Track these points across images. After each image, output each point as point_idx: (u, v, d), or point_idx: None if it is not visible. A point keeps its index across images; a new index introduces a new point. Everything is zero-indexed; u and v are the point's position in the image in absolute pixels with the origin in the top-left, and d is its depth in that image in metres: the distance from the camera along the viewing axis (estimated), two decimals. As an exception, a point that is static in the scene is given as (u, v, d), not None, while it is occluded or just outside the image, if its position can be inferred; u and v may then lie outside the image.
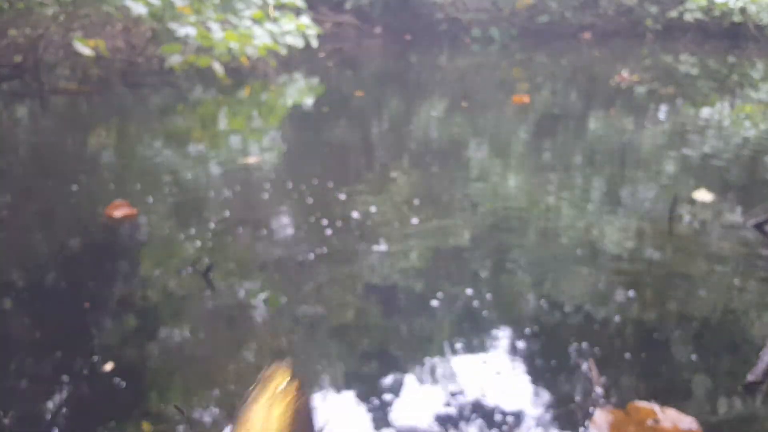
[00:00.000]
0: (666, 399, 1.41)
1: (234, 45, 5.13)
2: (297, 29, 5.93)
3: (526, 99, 4.96)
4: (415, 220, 2.45)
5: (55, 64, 5.64)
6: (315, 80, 6.23)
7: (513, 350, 1.64)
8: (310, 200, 2.67)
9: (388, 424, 1.37)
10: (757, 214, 2.44)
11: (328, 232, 2.33)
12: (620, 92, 5.44)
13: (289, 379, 0.23)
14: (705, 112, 4.75)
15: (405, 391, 1.47)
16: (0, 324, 1.79)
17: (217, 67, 5.06)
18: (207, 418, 1.38)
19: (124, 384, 1.50)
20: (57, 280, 2.09)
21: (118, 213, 2.46)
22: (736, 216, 2.56)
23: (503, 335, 1.71)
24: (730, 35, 9.15)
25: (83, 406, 1.44)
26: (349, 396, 1.46)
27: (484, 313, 1.82)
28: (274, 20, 5.89)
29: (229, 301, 1.88)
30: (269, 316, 1.82)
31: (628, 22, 9.58)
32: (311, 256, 2.14)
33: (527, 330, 1.73)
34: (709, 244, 2.32)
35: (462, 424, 1.37)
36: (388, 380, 1.51)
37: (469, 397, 1.45)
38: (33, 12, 5.41)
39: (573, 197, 2.82)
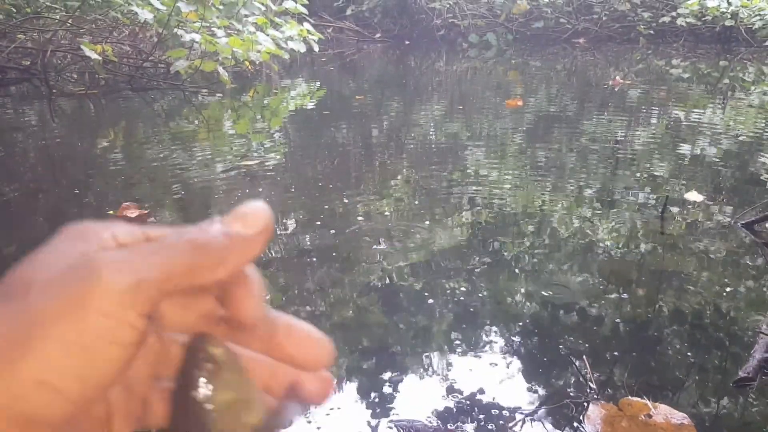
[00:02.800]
0: (658, 395, 1.45)
1: (238, 50, 5.26)
2: (299, 35, 6.06)
3: (519, 102, 5.09)
4: (414, 219, 2.54)
5: (63, 68, 5.74)
6: (316, 84, 6.35)
7: (508, 346, 1.69)
8: (311, 200, 2.78)
9: (385, 417, 1.41)
10: (747, 214, 2.52)
11: (330, 231, 2.41)
12: (613, 95, 5.56)
13: None
14: (696, 114, 4.86)
15: (402, 385, 1.52)
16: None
17: (222, 72, 5.18)
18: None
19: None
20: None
21: (129, 215, 2.55)
22: (726, 216, 2.62)
23: (498, 331, 1.76)
24: (722, 39, 9.28)
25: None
26: (348, 389, 1.52)
27: (480, 309, 1.88)
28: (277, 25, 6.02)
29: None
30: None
31: (621, 28, 9.72)
32: (313, 255, 2.22)
33: (522, 326, 1.79)
34: (700, 243, 2.37)
35: (458, 418, 1.41)
36: (386, 375, 1.56)
37: (465, 391, 1.49)
38: (41, 16, 5.52)
39: (565, 197, 2.90)
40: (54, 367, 0.23)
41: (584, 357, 1.59)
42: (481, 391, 1.48)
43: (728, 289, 2.02)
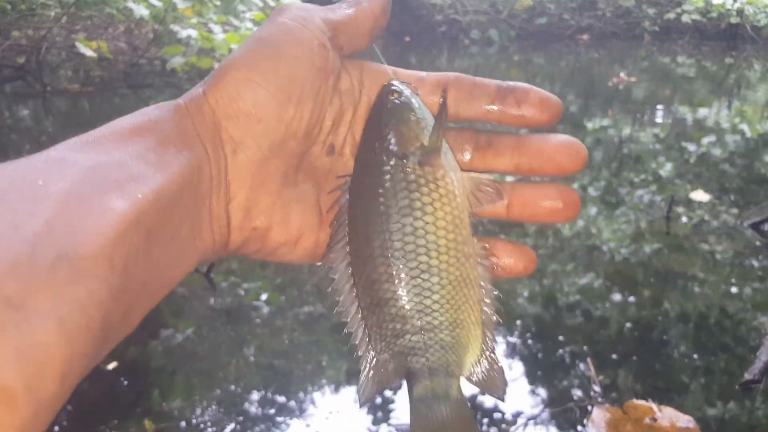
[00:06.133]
0: (663, 398, 1.43)
1: (235, 46, 5.18)
2: (297, 31, 5.98)
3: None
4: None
5: (58, 66, 5.68)
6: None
7: (511, 348, 1.66)
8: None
9: (385, 421, 1.39)
10: (754, 214, 2.48)
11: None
12: (618, 93, 5.49)
13: None
14: (702, 113, 4.79)
15: (403, 390, 1.49)
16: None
17: (218, 69, 5.10)
18: (208, 416, 1.42)
19: (126, 382, 1.54)
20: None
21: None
22: (732, 216, 2.59)
23: (502, 334, 1.73)
24: (728, 37, 9.20)
25: (87, 404, 1.47)
26: (347, 393, 1.50)
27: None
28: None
29: (230, 300, 1.92)
30: (269, 315, 1.86)
31: (625, 24, 9.63)
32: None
33: (525, 328, 1.76)
34: (706, 243, 2.35)
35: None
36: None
37: (467, 394, 1.46)
38: (36, 13, 5.45)
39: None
40: (256, 68, 0.30)
41: (588, 359, 1.58)
42: (483, 394, 1.44)
43: (734, 290, 2.00)
